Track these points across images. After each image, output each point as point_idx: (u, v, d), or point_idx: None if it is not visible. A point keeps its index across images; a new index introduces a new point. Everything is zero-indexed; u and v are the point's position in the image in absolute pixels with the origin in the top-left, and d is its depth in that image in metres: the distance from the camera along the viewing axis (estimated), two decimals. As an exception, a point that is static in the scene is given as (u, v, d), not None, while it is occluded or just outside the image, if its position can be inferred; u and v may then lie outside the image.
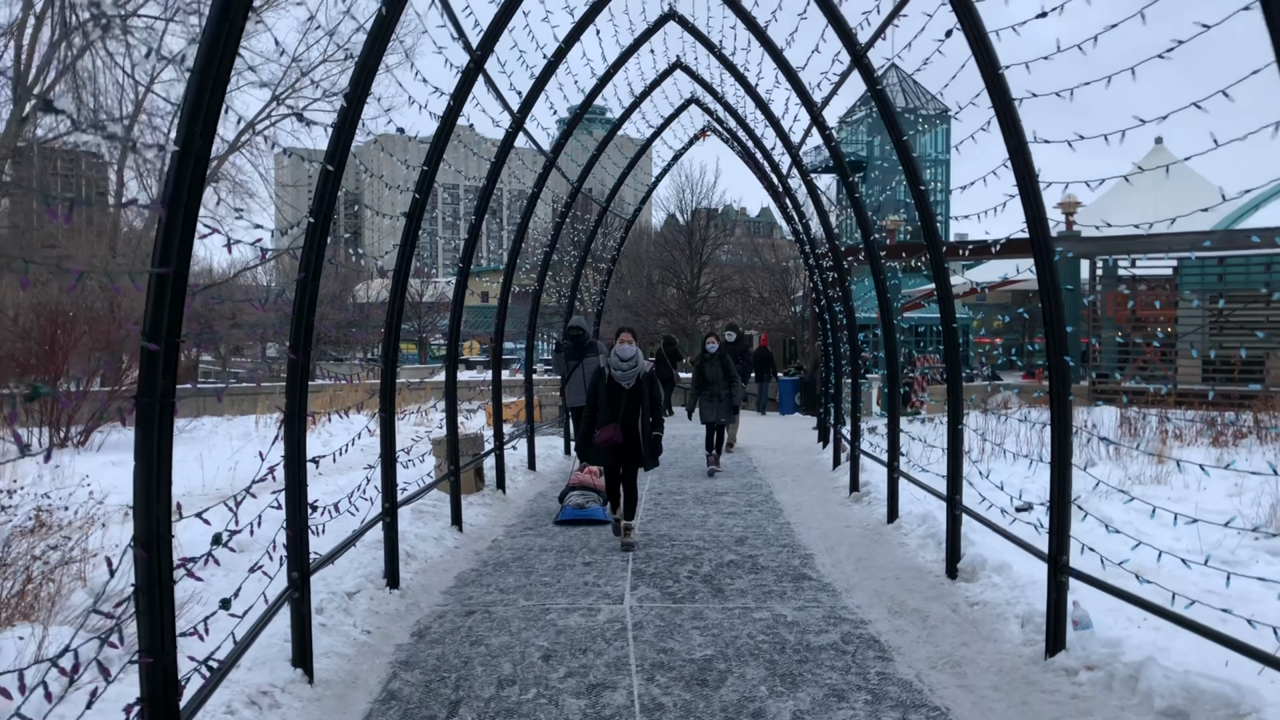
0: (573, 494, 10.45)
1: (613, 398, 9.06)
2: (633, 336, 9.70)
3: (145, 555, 3.11)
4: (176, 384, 3.19)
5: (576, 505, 10.24)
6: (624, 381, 9.02)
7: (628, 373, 9.00)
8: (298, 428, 5.24)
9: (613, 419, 9.02)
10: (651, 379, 9.17)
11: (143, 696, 3.17)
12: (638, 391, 9.07)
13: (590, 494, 10.42)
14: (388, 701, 5.34)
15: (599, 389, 9.14)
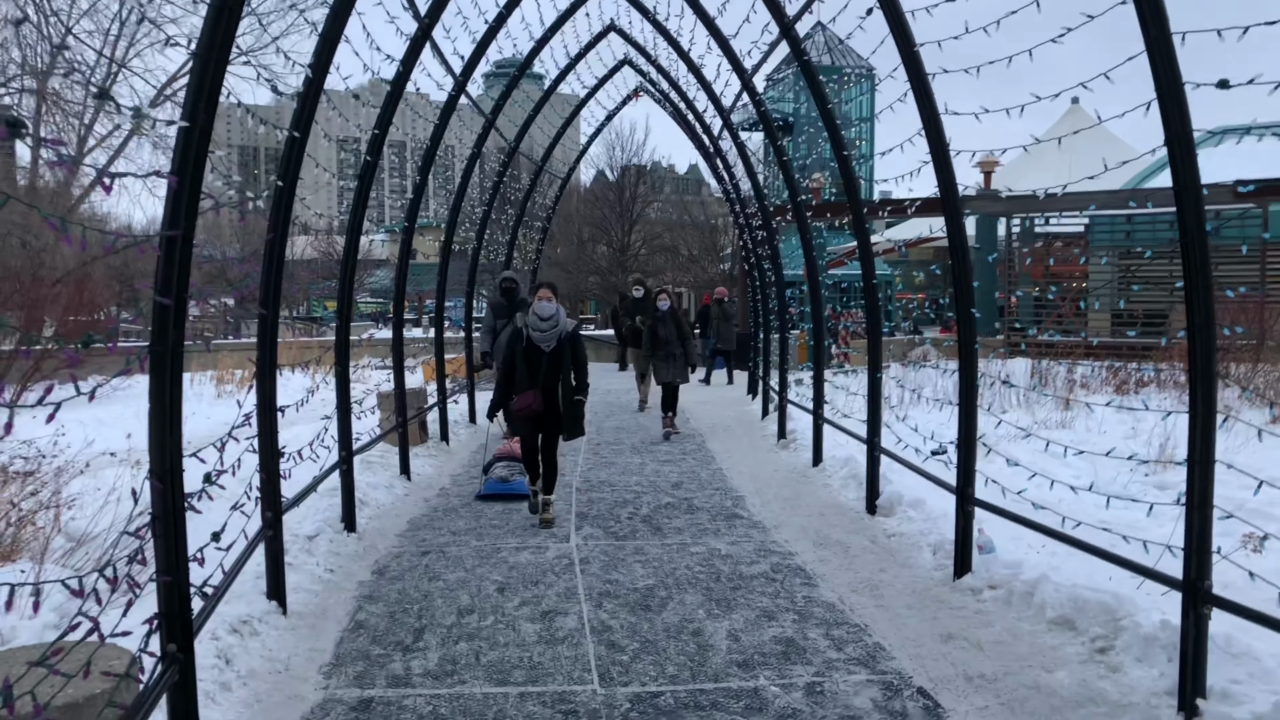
0: (497, 466, 9.63)
1: (531, 361, 8.11)
2: (553, 293, 8.35)
3: (160, 486, 3.51)
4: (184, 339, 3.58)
5: (500, 479, 9.43)
6: (543, 343, 8.07)
7: (547, 333, 8.04)
8: (268, 379, 5.61)
9: (531, 384, 8.09)
10: (575, 339, 8.24)
11: (160, 611, 3.58)
12: (559, 354, 8.11)
13: (517, 466, 9.42)
14: (356, 630, 5.78)
15: (515, 351, 8.18)
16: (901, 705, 4.67)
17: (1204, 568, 4.16)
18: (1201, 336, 4.09)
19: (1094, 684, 4.66)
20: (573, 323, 8.26)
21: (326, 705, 4.75)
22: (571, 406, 8.15)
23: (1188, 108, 4.05)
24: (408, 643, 5.57)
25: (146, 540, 3.46)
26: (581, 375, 8.24)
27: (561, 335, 8.12)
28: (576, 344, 8.23)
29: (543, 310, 8.09)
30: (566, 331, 8.15)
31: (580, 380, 8.22)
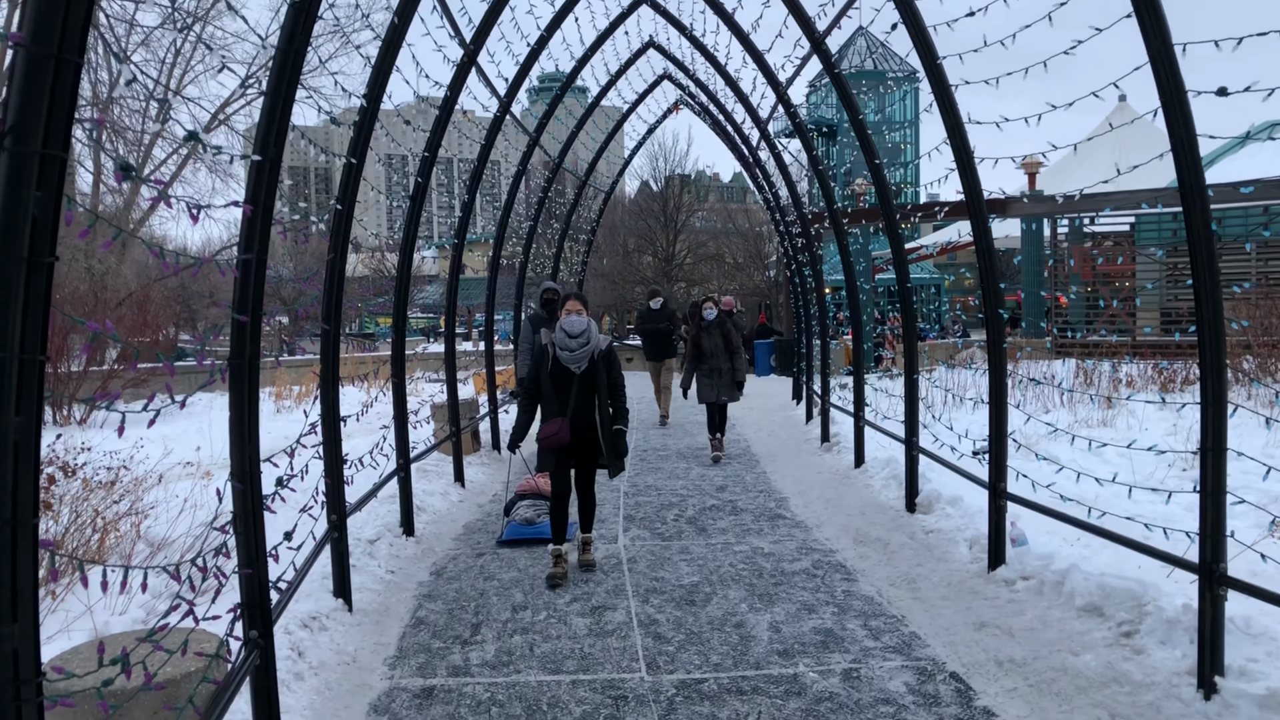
0: (521, 505, 8.44)
1: (559, 384, 7.01)
2: (583, 306, 7.18)
3: (241, 487, 3.87)
4: (259, 351, 3.93)
5: (525, 520, 8.22)
6: (573, 364, 6.97)
7: (578, 353, 6.97)
8: (331, 390, 5.98)
9: (560, 411, 6.97)
10: (610, 358, 7.14)
11: (242, 602, 3.93)
12: (591, 376, 7.00)
13: (541, 504, 8.30)
14: (417, 626, 6.13)
15: (541, 373, 7.09)
16: (934, 688, 4.90)
17: (1219, 551, 4.36)
18: (1210, 331, 4.30)
19: (1118, 666, 4.86)
20: (606, 339, 7.11)
21: (392, 693, 5.09)
22: (612, 437, 7.02)
23: (1191, 114, 4.27)
24: (466, 636, 5.90)
25: (229, 535, 3.81)
26: (619, 400, 7.09)
27: (594, 354, 7.01)
28: (612, 364, 7.10)
29: (572, 326, 6.97)
30: (600, 350, 7.04)
31: (618, 406, 7.08)
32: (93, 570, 2.43)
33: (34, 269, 1.82)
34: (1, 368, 1.79)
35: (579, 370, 6.97)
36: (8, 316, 1.80)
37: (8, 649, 1.79)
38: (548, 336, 7.12)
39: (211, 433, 13.41)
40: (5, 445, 1.79)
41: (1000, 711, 4.60)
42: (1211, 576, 4.35)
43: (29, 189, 1.80)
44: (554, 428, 6.91)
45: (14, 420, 1.80)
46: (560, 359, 7.00)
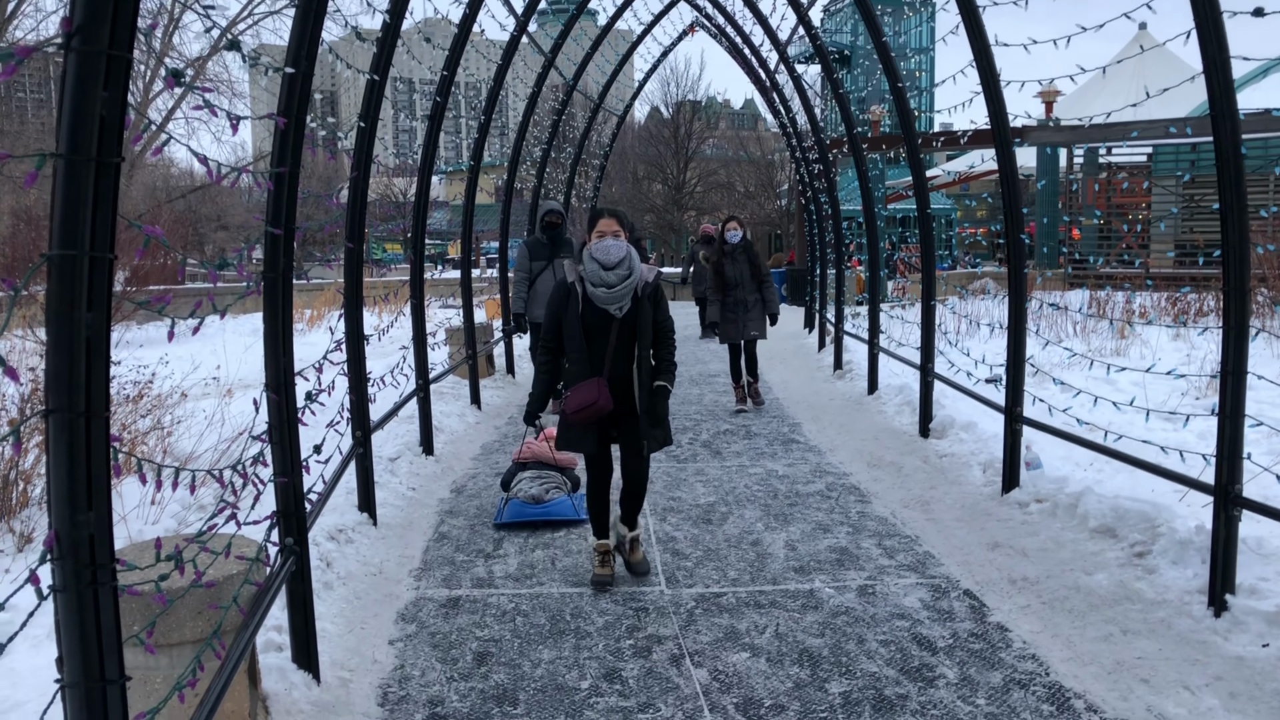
0: (523, 477, 6.73)
1: (593, 334, 5.24)
2: (621, 227, 5.39)
3: (276, 397, 3.94)
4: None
5: (530, 498, 6.54)
6: (612, 305, 5.20)
7: (617, 289, 5.15)
8: (355, 309, 6.04)
9: (593, 370, 5.23)
10: (658, 295, 5.37)
11: (278, 510, 4.03)
12: (634, 320, 5.23)
13: (550, 476, 6.76)
14: (440, 540, 6.26)
15: (564, 319, 5.31)
16: (948, 605, 5.02)
17: (1235, 472, 4.43)
18: (1235, 255, 4.31)
19: (1130, 585, 4.96)
20: (654, 270, 5.36)
21: (419, 602, 5.22)
22: (651, 397, 5.25)
23: (1225, 36, 4.23)
24: (488, 551, 6.03)
25: (266, 444, 3.89)
26: (667, 350, 5.35)
27: (638, 290, 5.25)
28: (660, 303, 5.34)
29: (607, 253, 5.17)
30: (646, 283, 5.27)
31: (664, 357, 5.33)
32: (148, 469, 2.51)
33: (103, 169, 1.86)
34: (73, 265, 1.84)
35: (619, 313, 5.18)
36: (78, 215, 1.84)
37: (85, 534, 1.86)
38: (572, 270, 5.31)
39: (227, 354, 13.52)
40: (78, 340, 1.85)
41: (1013, 627, 4.72)
42: (1227, 497, 4.42)
43: (96, 89, 1.83)
44: (589, 394, 5.12)
45: (85, 316, 1.86)
46: (593, 299, 5.16)
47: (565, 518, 6.49)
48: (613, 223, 5.34)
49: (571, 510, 6.52)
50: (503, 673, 4.37)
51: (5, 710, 3.59)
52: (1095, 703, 3.95)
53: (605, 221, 5.37)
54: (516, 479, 6.74)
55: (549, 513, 6.47)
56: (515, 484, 6.69)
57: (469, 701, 4.11)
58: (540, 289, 9.64)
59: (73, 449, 1.85)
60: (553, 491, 6.61)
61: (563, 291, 5.31)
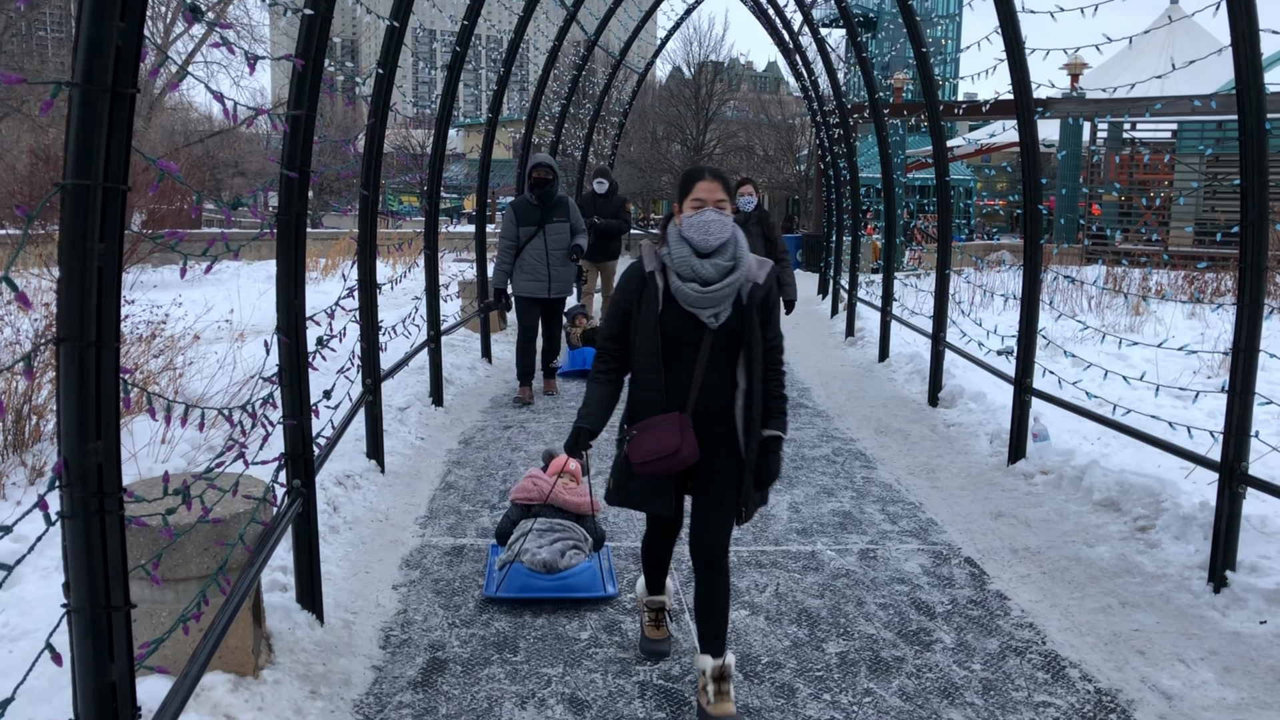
0: (526, 528, 4.79)
1: (676, 348, 3.67)
2: (727, 194, 3.64)
3: (287, 340, 3.96)
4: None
5: (541, 565, 4.59)
6: (706, 309, 3.59)
7: (716, 289, 3.57)
8: (369, 255, 6.04)
9: (673, 402, 3.66)
10: (769, 303, 3.71)
11: (286, 452, 4.06)
12: (738, 333, 3.63)
13: (565, 528, 4.83)
14: (447, 489, 6.31)
15: (637, 322, 3.71)
16: (949, 571, 5.04)
17: (1242, 450, 4.42)
18: (1254, 231, 4.28)
19: (1132, 558, 4.98)
20: (766, 265, 3.73)
21: (423, 549, 5.27)
22: (762, 451, 3.67)
23: (1255, 7, 4.18)
24: (494, 502, 6.07)
25: (276, 386, 3.92)
26: (777, 381, 3.74)
27: (744, 292, 3.62)
28: (771, 314, 3.73)
29: (707, 232, 3.56)
30: (755, 284, 3.65)
31: (774, 392, 3.72)
32: (157, 404, 2.53)
33: (118, 100, 1.86)
34: (87, 195, 1.84)
35: (715, 322, 3.57)
36: (93, 146, 1.85)
37: (93, 463, 1.89)
38: (652, 255, 3.68)
39: (241, 300, 13.57)
40: (90, 270, 1.86)
41: (1012, 595, 4.74)
42: (1233, 474, 4.42)
43: (113, 19, 1.83)
44: (668, 439, 3.55)
45: (98, 246, 1.87)
46: (679, 298, 3.57)
47: (591, 595, 4.52)
48: (716, 188, 3.56)
49: (598, 582, 4.59)
50: (504, 620, 4.42)
51: (16, 637, 3.65)
52: (1090, 672, 3.97)
53: (705, 185, 3.57)
54: (518, 532, 4.79)
55: (568, 587, 4.51)
56: (516, 539, 4.72)
57: (470, 647, 4.16)
58: (530, 260, 8.55)
59: (83, 378, 1.86)
60: (571, 554, 4.63)
61: (636, 282, 3.67)
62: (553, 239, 8.63)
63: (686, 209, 3.60)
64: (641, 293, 3.66)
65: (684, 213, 3.61)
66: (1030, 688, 3.84)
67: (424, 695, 3.76)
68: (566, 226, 8.71)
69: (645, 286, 3.65)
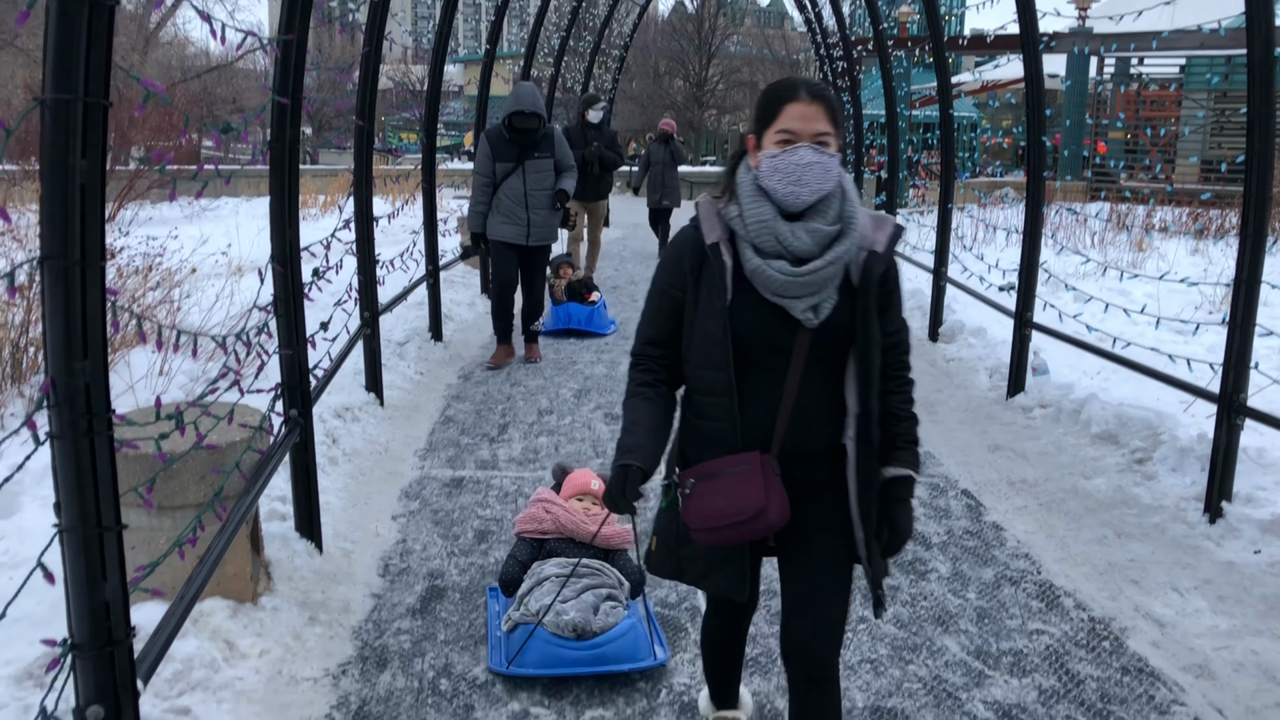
0: (542, 572, 3.64)
1: (755, 358, 2.36)
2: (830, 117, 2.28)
3: (282, 270, 3.93)
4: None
5: (570, 631, 3.33)
6: (801, 300, 2.30)
7: (815, 270, 2.28)
8: (365, 187, 5.99)
9: (750, 436, 2.38)
10: (890, 281, 2.38)
11: (282, 382, 4.05)
12: (841, 332, 2.34)
13: (598, 574, 3.64)
14: (446, 423, 6.32)
15: (693, 317, 2.41)
16: (945, 503, 5.06)
17: (1241, 381, 4.41)
18: (1259, 162, 4.23)
19: (1128, 490, 4.99)
20: (889, 224, 2.42)
21: (423, 481, 5.29)
22: (889, 501, 2.44)
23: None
24: (493, 435, 6.09)
25: (271, 315, 3.90)
26: (901, 394, 2.48)
27: (854, 270, 2.36)
28: (893, 297, 2.43)
29: (800, 179, 2.28)
30: (874, 253, 2.36)
31: (900, 411, 2.47)
32: (149, 330, 2.51)
33: (95, 10, 1.82)
34: (67, 110, 1.81)
35: (815, 318, 2.34)
36: (72, 58, 1.80)
37: (80, 383, 1.87)
38: (713, 218, 2.42)
39: (240, 236, 13.50)
40: (72, 187, 1.83)
41: (1008, 526, 4.76)
42: (1231, 406, 4.42)
43: (89, -75, 1.78)
44: (746, 494, 2.34)
45: (80, 163, 1.83)
46: (758, 280, 2.34)
47: (637, 666, 3.37)
48: (816, 113, 2.30)
49: (645, 647, 3.41)
50: (501, 550, 4.44)
51: (15, 564, 3.67)
52: (1084, 601, 4.00)
53: (799, 109, 2.31)
54: (530, 578, 3.63)
55: (606, 658, 3.32)
56: (530, 587, 3.57)
57: (468, 576, 4.19)
58: (506, 200, 7.39)
59: (68, 297, 1.84)
60: (607, 608, 3.47)
61: (690, 259, 2.41)
62: (533, 178, 7.38)
63: (768, 144, 2.29)
64: (699, 275, 2.37)
65: (765, 150, 2.30)
66: (1024, 616, 3.87)
67: (423, 622, 3.79)
68: (550, 164, 7.45)
69: (704, 266, 2.36)
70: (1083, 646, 3.66)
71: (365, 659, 3.52)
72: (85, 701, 1.97)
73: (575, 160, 7.83)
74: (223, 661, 3.15)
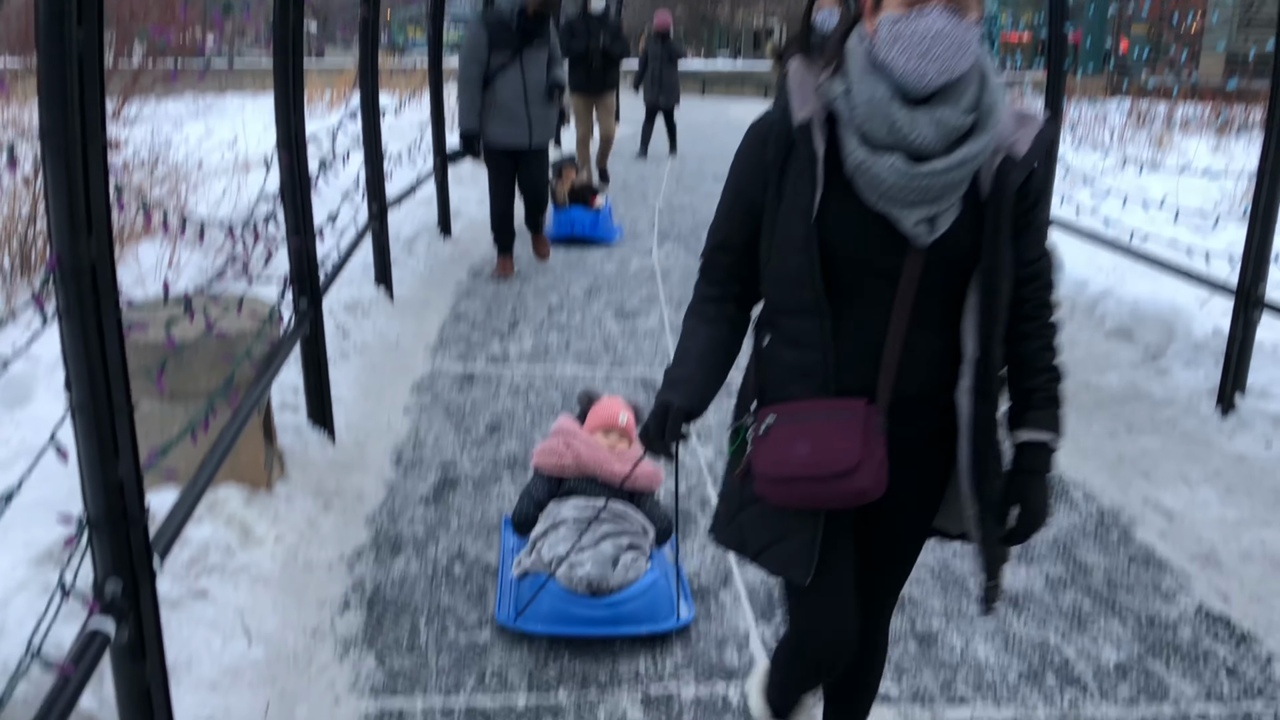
0: (559, 514, 3.23)
1: (849, 278, 1.84)
2: None
3: (287, 156, 3.87)
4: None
5: (584, 586, 3.00)
6: (916, 209, 1.76)
7: (942, 172, 1.73)
8: (370, 79, 5.87)
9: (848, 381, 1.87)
10: (1028, 193, 1.81)
11: (291, 272, 4.03)
12: (963, 252, 1.81)
13: (621, 521, 3.20)
14: (457, 319, 6.31)
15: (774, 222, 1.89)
16: (956, 398, 5.05)
17: (1259, 274, 4.36)
18: (1290, 45, 4.10)
19: (1141, 385, 4.97)
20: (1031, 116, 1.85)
21: (434, 375, 5.30)
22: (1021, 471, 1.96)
23: None
24: (504, 331, 6.08)
25: (278, 205, 3.85)
26: (1040, 336, 1.95)
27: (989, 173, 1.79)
28: (1038, 204, 1.87)
29: (927, 55, 1.71)
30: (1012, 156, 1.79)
31: (1039, 359, 1.95)
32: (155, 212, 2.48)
33: None
34: (60, -26, 1.74)
35: (930, 234, 1.79)
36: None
37: (86, 262, 1.84)
38: (808, 96, 1.81)
39: (246, 131, 13.34)
40: (70, 58, 1.77)
41: (1019, 420, 4.75)
42: (1249, 298, 4.37)
43: None
44: (837, 444, 1.85)
45: (75, 32, 1.77)
46: (861, 178, 1.78)
47: (657, 630, 3.03)
48: None
49: (668, 606, 3.08)
50: (513, 442, 4.47)
51: (31, 452, 3.69)
52: (1093, 492, 4.02)
53: None
54: (545, 520, 3.26)
55: (622, 618, 2.99)
56: (544, 532, 3.21)
57: (480, 467, 4.22)
58: (505, 98, 6.72)
59: (70, 171, 1.80)
60: (629, 559, 3.09)
61: (776, 146, 1.88)
62: (532, 72, 6.72)
63: (890, 4, 1.76)
64: (784, 167, 1.86)
65: (885, 13, 1.76)
66: (1033, 506, 3.88)
67: (436, 510, 3.84)
68: (545, 55, 6.83)
69: (792, 155, 1.84)
70: (1091, 536, 3.69)
71: (379, 545, 3.57)
72: (103, 577, 1.99)
73: (579, 50, 7.61)
74: (238, 547, 3.19)
